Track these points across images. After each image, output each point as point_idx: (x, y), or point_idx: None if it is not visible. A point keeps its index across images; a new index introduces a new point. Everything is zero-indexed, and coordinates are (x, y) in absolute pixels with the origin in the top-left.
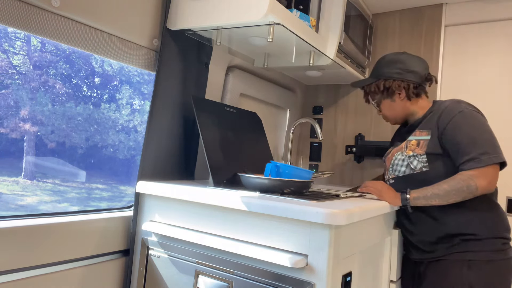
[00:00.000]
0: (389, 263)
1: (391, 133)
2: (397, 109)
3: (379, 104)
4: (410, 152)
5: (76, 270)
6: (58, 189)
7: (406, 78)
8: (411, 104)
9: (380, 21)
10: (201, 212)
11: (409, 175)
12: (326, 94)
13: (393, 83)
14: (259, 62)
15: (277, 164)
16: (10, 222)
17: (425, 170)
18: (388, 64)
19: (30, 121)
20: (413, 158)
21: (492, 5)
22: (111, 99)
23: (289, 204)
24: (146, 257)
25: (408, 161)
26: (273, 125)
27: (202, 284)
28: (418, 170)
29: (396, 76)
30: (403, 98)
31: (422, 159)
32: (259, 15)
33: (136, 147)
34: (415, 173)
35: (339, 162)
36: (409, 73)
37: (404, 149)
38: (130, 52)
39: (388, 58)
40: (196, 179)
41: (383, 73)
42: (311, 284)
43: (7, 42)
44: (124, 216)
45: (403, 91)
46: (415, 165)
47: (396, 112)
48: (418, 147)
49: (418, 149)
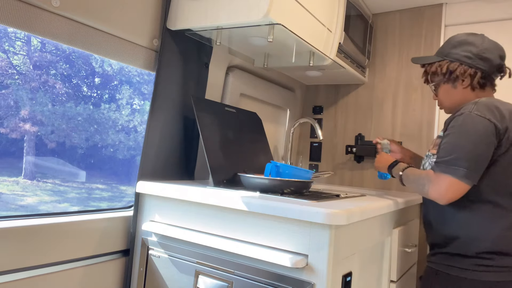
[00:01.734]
0: (389, 263)
1: (391, 133)
2: (456, 97)
3: (437, 87)
4: (428, 151)
5: (76, 270)
6: (58, 189)
7: (475, 65)
8: (473, 94)
9: (380, 21)
10: (201, 212)
11: None
12: (326, 94)
13: (459, 67)
14: (259, 62)
15: (277, 164)
16: (10, 222)
17: None
18: (459, 44)
19: (30, 121)
20: (427, 158)
21: (492, 5)
22: (111, 99)
23: (289, 204)
24: (146, 257)
25: (425, 160)
26: (273, 125)
27: (202, 284)
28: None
29: (465, 59)
30: (466, 86)
31: (432, 160)
32: (259, 15)
33: (136, 147)
34: None
35: (339, 162)
36: (480, 59)
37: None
38: (130, 52)
39: (460, 38)
40: (196, 179)
41: (450, 54)
42: (311, 284)
43: (7, 42)
44: (124, 216)
45: (468, 78)
46: (426, 167)
47: (453, 100)
48: (434, 146)
49: (432, 149)
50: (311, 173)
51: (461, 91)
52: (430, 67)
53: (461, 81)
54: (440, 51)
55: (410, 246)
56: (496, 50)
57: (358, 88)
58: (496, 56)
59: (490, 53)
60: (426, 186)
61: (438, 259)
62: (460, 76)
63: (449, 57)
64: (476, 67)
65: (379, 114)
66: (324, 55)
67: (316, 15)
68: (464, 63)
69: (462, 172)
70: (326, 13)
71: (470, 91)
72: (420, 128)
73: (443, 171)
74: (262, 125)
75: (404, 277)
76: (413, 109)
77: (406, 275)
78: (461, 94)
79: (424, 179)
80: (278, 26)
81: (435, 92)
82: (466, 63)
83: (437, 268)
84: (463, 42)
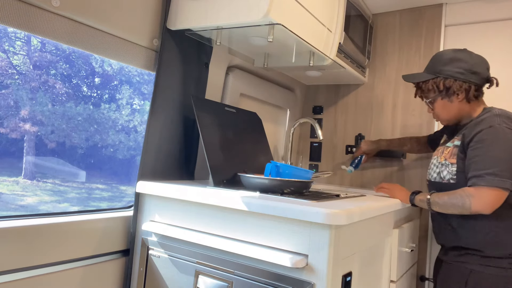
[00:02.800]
0: (389, 263)
1: (391, 133)
2: (453, 110)
3: (433, 102)
4: (443, 159)
5: (76, 270)
6: (58, 189)
7: (469, 79)
8: (469, 106)
9: (380, 21)
10: (201, 212)
11: (438, 183)
12: (326, 94)
13: (454, 83)
14: (259, 62)
15: (277, 164)
16: (10, 222)
17: (453, 182)
18: (450, 61)
19: (30, 121)
20: (444, 166)
21: (492, 5)
22: (111, 99)
23: (289, 204)
24: (146, 257)
25: (440, 169)
26: (273, 125)
27: (202, 284)
28: (446, 181)
29: (459, 76)
30: (462, 100)
31: (452, 170)
32: (259, 15)
33: (136, 147)
34: (443, 182)
35: (339, 162)
36: (473, 74)
37: (440, 154)
38: (130, 52)
39: (449, 55)
40: (196, 179)
41: (442, 71)
42: (311, 284)
43: (7, 42)
44: (124, 216)
45: (463, 93)
46: (444, 175)
47: (450, 113)
48: (451, 155)
49: (450, 158)
50: (311, 173)
51: (457, 104)
52: (426, 85)
53: (456, 95)
54: (431, 68)
55: (410, 246)
56: (483, 63)
57: (358, 88)
58: (484, 69)
59: (479, 67)
60: (467, 202)
61: (474, 259)
62: (456, 91)
63: (442, 74)
64: (470, 82)
65: (379, 114)
66: (324, 55)
67: (316, 15)
68: (458, 79)
69: (508, 184)
70: (326, 13)
71: (466, 103)
72: (420, 128)
73: (489, 184)
74: (262, 125)
75: (404, 277)
76: (413, 109)
77: (406, 275)
78: (458, 107)
79: (463, 196)
80: (278, 26)
81: (431, 106)
82: (460, 79)
83: (471, 268)
84: (453, 59)
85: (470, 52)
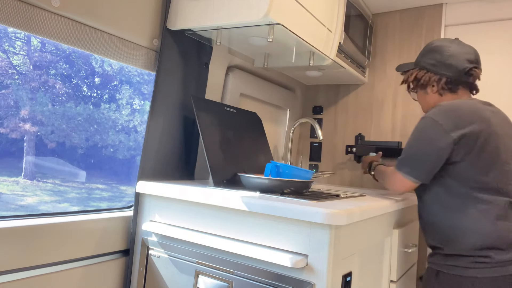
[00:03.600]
0: (389, 263)
1: (391, 133)
2: (430, 101)
3: (416, 93)
4: None
5: (76, 270)
6: (58, 189)
7: (439, 71)
8: (442, 98)
9: (380, 21)
10: (201, 212)
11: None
12: (326, 94)
13: (424, 74)
14: (259, 62)
15: (277, 164)
16: (10, 222)
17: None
18: (427, 52)
19: (30, 121)
20: None
21: (492, 5)
22: (111, 99)
23: (289, 204)
24: (146, 257)
25: None
26: (273, 125)
27: (202, 284)
28: None
29: (430, 67)
30: (435, 92)
31: None
32: (259, 15)
33: (136, 147)
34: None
35: (339, 162)
36: (444, 66)
37: None
38: (130, 52)
39: (431, 45)
40: (196, 179)
41: (419, 62)
42: (311, 284)
43: (7, 42)
44: (124, 216)
45: (435, 85)
46: None
47: (429, 104)
48: None
49: None
50: (311, 173)
51: (432, 95)
52: (406, 74)
53: (431, 87)
54: (416, 59)
55: (410, 246)
56: (463, 55)
57: (358, 88)
58: (461, 61)
59: (455, 59)
60: (385, 180)
61: (437, 259)
62: (428, 83)
63: (418, 65)
64: (441, 74)
65: (379, 114)
66: (324, 55)
67: (316, 15)
68: (429, 71)
69: (406, 170)
70: (326, 13)
71: (439, 96)
72: None
73: (397, 167)
74: (262, 125)
75: (404, 277)
76: (413, 109)
77: (406, 275)
78: (433, 99)
79: (385, 173)
80: (278, 26)
81: (415, 98)
82: (432, 70)
83: (437, 269)
84: (432, 49)
85: (454, 42)
